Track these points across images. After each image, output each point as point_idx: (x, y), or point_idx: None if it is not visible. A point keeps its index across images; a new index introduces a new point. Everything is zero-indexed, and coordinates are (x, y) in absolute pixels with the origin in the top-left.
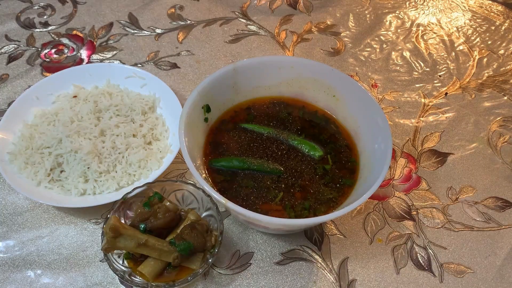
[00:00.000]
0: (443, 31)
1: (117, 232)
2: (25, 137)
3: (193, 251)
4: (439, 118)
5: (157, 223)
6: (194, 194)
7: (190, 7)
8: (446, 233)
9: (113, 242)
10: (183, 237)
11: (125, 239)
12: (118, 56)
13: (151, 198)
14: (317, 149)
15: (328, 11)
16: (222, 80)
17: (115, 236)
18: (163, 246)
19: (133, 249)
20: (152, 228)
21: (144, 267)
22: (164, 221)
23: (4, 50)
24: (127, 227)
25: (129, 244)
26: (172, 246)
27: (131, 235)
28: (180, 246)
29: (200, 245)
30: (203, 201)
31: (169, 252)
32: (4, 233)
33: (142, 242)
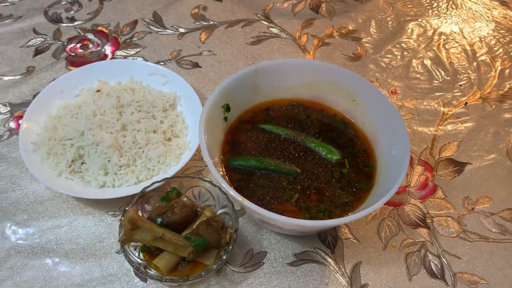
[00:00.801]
0: (466, 40)
1: (135, 224)
2: (49, 128)
3: (207, 247)
4: (458, 128)
5: (173, 218)
6: (211, 191)
7: (213, 8)
8: (460, 242)
9: (130, 234)
10: (199, 232)
11: (142, 232)
12: (142, 54)
13: (169, 193)
14: (335, 153)
15: (350, 17)
16: (242, 80)
17: (132, 228)
18: (178, 240)
19: (149, 242)
20: (169, 223)
21: (159, 261)
22: (181, 216)
23: (32, 43)
24: (144, 220)
25: (146, 237)
26: (187, 241)
27: (148, 228)
28: (195, 242)
29: (215, 241)
30: (219, 198)
31: (184, 246)
32: (25, 220)
33: (158, 236)
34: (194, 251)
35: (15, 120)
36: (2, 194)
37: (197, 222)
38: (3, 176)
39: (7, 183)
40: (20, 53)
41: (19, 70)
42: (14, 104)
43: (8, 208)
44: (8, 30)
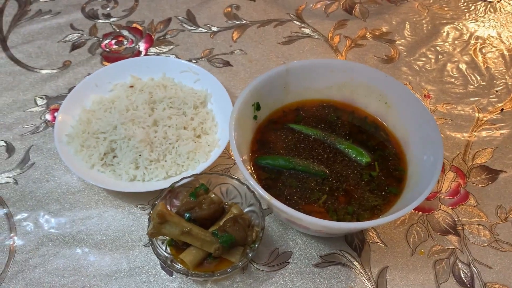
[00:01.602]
0: (503, 45)
1: (164, 218)
2: (83, 121)
3: (234, 244)
4: (492, 134)
5: (201, 214)
6: (238, 189)
7: (246, 7)
8: (492, 252)
9: (159, 227)
10: (226, 229)
11: (171, 226)
12: (174, 51)
13: (198, 189)
14: (365, 155)
15: (384, 18)
16: (273, 80)
17: (161, 222)
18: (205, 236)
19: (177, 237)
20: (197, 218)
21: (185, 255)
22: (208, 212)
23: (69, 38)
24: (173, 214)
25: (174, 231)
26: (214, 237)
27: (176, 223)
28: (222, 238)
29: (241, 239)
30: (247, 196)
31: (211, 242)
32: (57, 210)
33: (186, 230)
34: (221, 248)
35: (51, 113)
36: (37, 184)
37: (224, 219)
38: (38, 167)
39: (41, 173)
40: (57, 48)
41: (56, 64)
42: (51, 97)
43: (42, 198)
44: (46, 25)
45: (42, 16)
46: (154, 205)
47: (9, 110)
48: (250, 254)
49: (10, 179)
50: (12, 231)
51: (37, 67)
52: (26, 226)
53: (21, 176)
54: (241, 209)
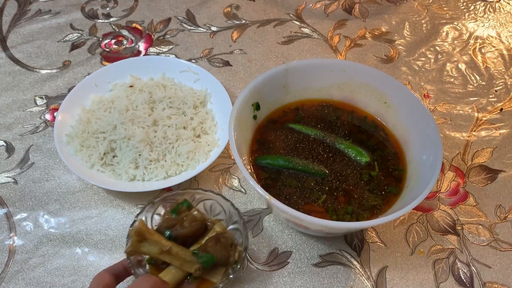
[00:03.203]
0: (503, 45)
1: (142, 236)
2: (83, 121)
3: (215, 264)
4: (492, 134)
5: (182, 231)
6: (223, 205)
7: (246, 7)
8: (491, 251)
9: (137, 246)
10: (207, 249)
11: (150, 244)
12: (174, 51)
13: (180, 206)
14: (364, 155)
15: (384, 18)
16: (273, 80)
17: (140, 240)
18: (186, 255)
19: (156, 255)
20: (177, 236)
21: (165, 275)
22: (190, 230)
23: (68, 38)
24: (152, 232)
25: (153, 250)
26: (195, 257)
27: (156, 241)
28: (202, 258)
29: (223, 258)
30: (231, 213)
31: (192, 262)
32: (57, 210)
33: (165, 249)
34: (201, 268)
35: (50, 112)
36: (36, 183)
37: (206, 237)
38: (38, 166)
39: (41, 173)
40: (57, 48)
41: (55, 64)
42: (50, 97)
43: (41, 198)
44: (46, 25)
45: (41, 16)
46: (134, 221)
47: (8, 110)
48: (232, 275)
49: (9, 179)
50: (11, 231)
51: (36, 67)
52: (25, 226)
53: (21, 176)
54: (224, 226)
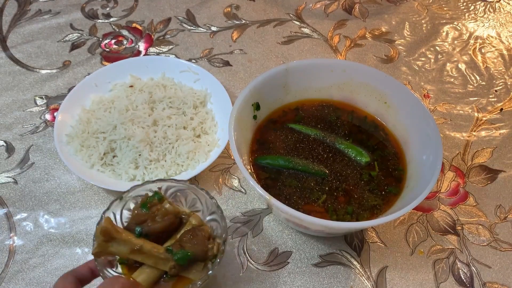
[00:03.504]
0: (503, 45)
1: (109, 235)
2: (83, 121)
3: (192, 260)
4: (492, 134)
5: (154, 227)
6: (198, 196)
7: (246, 7)
8: (491, 251)
9: (104, 246)
10: (182, 244)
11: (118, 244)
12: (174, 51)
13: (150, 199)
14: (364, 155)
15: (384, 18)
16: (273, 80)
17: (106, 240)
18: (159, 253)
19: (126, 255)
20: (149, 232)
21: (138, 275)
22: (163, 224)
23: (68, 38)
24: (120, 230)
25: (122, 250)
26: (169, 254)
27: (125, 240)
28: (177, 255)
29: (201, 253)
30: (207, 204)
31: (166, 260)
32: (57, 210)
33: (136, 248)
34: (177, 266)
35: (50, 112)
36: (37, 183)
37: (181, 231)
38: (38, 166)
39: (41, 173)
40: (57, 48)
41: (55, 64)
42: (50, 97)
43: (41, 198)
44: (46, 25)
45: (41, 16)
46: (101, 219)
47: (8, 110)
48: (211, 270)
49: (9, 179)
50: (11, 231)
51: (36, 67)
52: (25, 226)
53: (21, 176)
54: (201, 219)
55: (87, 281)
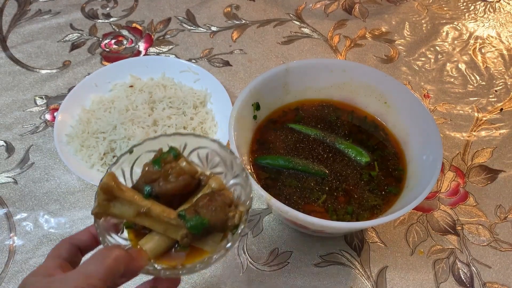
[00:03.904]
0: (503, 45)
1: (111, 194)
2: (83, 121)
3: (208, 229)
4: (492, 134)
5: (166, 188)
6: (221, 155)
7: (246, 7)
8: (491, 251)
9: (105, 206)
10: (197, 210)
11: (122, 205)
12: (174, 51)
13: (164, 155)
14: (364, 155)
15: (384, 18)
16: (273, 80)
17: (108, 199)
18: (169, 218)
19: (131, 218)
20: (160, 194)
21: (145, 242)
22: (177, 185)
23: (68, 38)
24: (125, 189)
25: (126, 212)
26: (181, 220)
27: (130, 200)
28: (190, 222)
29: (219, 222)
30: (232, 165)
31: (178, 227)
32: (57, 210)
33: (143, 211)
34: (189, 235)
35: (50, 113)
36: (37, 183)
37: (198, 195)
38: (38, 166)
39: (41, 173)
40: (57, 48)
41: (55, 64)
42: (50, 97)
43: (41, 198)
44: (46, 25)
45: (41, 16)
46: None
47: (8, 110)
48: (230, 243)
49: (9, 179)
50: (11, 231)
51: (36, 67)
52: (25, 226)
53: (21, 176)
54: (222, 182)
55: (89, 248)
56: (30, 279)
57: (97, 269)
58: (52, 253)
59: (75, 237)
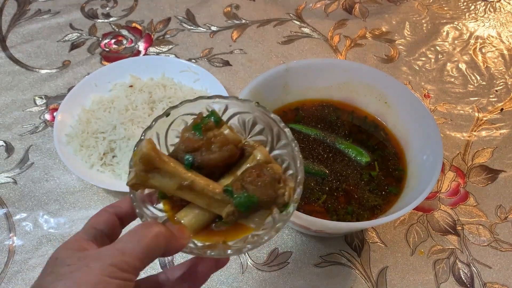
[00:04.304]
0: (503, 45)
1: (151, 164)
2: (82, 121)
3: (256, 207)
4: (492, 134)
5: (210, 158)
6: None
7: (246, 7)
8: (492, 252)
9: (144, 177)
10: (244, 185)
11: (162, 176)
12: (174, 51)
13: (205, 120)
14: (364, 155)
15: (384, 18)
16: (273, 79)
17: (147, 170)
18: (214, 193)
19: (172, 191)
20: (202, 164)
21: (183, 216)
22: (221, 156)
23: (68, 38)
24: (166, 159)
25: (167, 184)
26: (227, 195)
27: (172, 172)
28: (238, 198)
29: (268, 199)
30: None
31: (222, 202)
32: (57, 210)
33: (185, 184)
34: (236, 212)
35: (50, 112)
36: (36, 183)
37: (242, 167)
38: (37, 166)
39: (41, 173)
40: (56, 48)
41: (55, 64)
42: (50, 97)
43: (41, 198)
44: (46, 25)
45: (41, 15)
46: (140, 140)
47: (8, 110)
48: (279, 223)
49: (9, 179)
50: (11, 231)
51: (36, 67)
52: (25, 226)
53: (20, 176)
54: (268, 154)
55: (130, 218)
56: (61, 252)
57: (135, 246)
58: (89, 223)
59: (116, 205)
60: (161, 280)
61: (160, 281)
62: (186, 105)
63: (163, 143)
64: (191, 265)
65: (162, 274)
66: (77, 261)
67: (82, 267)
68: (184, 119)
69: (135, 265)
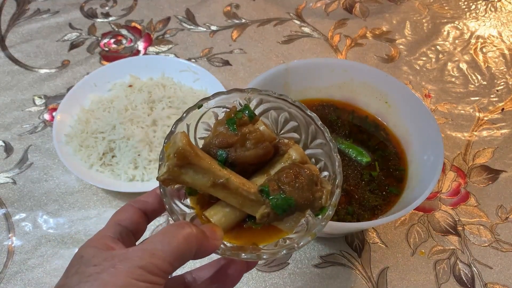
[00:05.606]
0: (504, 44)
1: (186, 160)
2: (82, 121)
3: (292, 210)
4: (493, 134)
5: (245, 155)
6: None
7: (246, 6)
8: (493, 252)
9: (176, 173)
10: (281, 186)
11: (196, 173)
12: (173, 50)
13: (239, 115)
14: (365, 155)
15: (385, 17)
16: (273, 79)
17: (181, 165)
18: (249, 193)
19: (205, 188)
20: (236, 162)
21: (214, 213)
22: (256, 154)
23: (67, 38)
24: (201, 155)
25: (201, 181)
26: (262, 196)
27: (207, 169)
28: (276, 201)
29: (304, 202)
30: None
31: (257, 203)
32: (56, 210)
33: (220, 182)
34: (272, 214)
35: (49, 112)
36: (35, 184)
37: (276, 166)
38: (37, 166)
39: (40, 173)
40: (56, 47)
41: (54, 64)
42: (49, 97)
43: (40, 198)
44: (45, 25)
45: (40, 15)
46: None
47: (7, 109)
48: (316, 227)
49: (8, 179)
50: (10, 232)
51: (35, 67)
52: (24, 226)
53: (20, 176)
54: (304, 153)
55: (156, 213)
56: (87, 250)
57: (165, 248)
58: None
59: (141, 200)
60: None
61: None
62: (219, 97)
63: (192, 136)
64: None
65: (188, 274)
66: (104, 261)
67: (108, 268)
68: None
69: (165, 268)
